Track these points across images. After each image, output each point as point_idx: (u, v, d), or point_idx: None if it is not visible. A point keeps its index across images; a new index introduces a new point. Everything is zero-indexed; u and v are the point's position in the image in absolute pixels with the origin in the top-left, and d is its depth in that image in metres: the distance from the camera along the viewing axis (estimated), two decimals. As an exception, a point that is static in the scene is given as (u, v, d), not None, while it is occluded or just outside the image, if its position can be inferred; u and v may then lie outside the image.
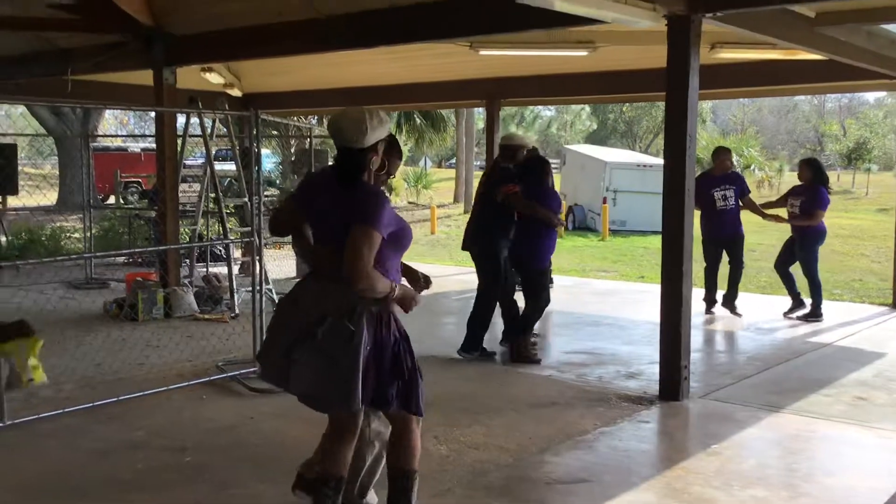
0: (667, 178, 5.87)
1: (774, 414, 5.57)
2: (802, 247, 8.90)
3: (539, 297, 7.01)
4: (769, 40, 6.88)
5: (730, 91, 11.33)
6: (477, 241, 7.09)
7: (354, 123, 3.21)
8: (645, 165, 22.31)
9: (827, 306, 9.22)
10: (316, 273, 3.38)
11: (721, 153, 9.30)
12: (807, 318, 8.86)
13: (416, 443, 3.43)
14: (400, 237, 3.28)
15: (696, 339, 6.23)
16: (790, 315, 9.05)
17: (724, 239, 8.97)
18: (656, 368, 6.02)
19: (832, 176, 36.83)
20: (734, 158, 10.69)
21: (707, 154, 31.93)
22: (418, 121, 22.31)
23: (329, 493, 3.39)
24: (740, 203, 8.97)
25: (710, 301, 9.19)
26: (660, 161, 15.51)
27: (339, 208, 3.22)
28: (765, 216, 9.14)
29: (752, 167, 32.29)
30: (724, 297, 9.09)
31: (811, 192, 8.85)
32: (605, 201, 20.88)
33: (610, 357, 7.21)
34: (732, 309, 9.04)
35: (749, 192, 9.17)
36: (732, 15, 5.74)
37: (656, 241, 7.87)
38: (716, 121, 55.18)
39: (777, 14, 6.29)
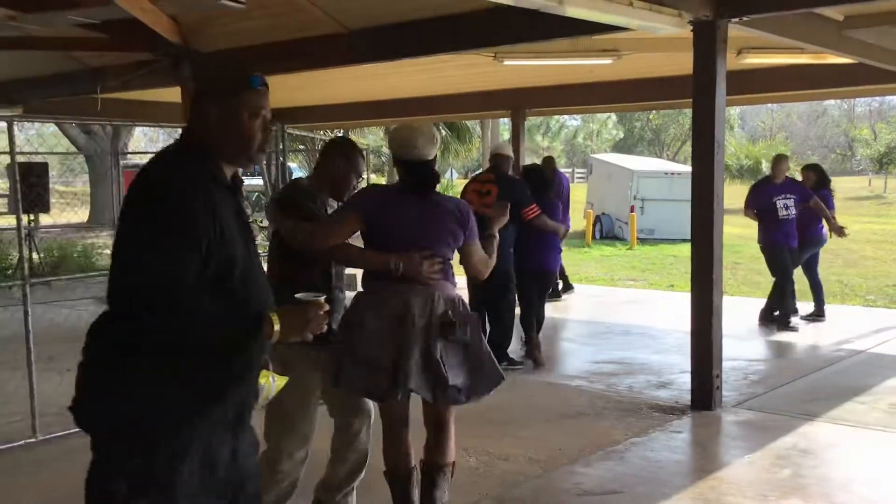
0: (695, 185, 5.83)
1: (809, 423, 5.49)
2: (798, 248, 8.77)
3: (545, 297, 7.41)
4: (797, 44, 6.81)
5: (758, 96, 11.21)
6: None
7: (428, 137, 3.46)
8: (672, 173, 22.12)
9: (860, 312, 9.08)
10: (398, 281, 3.38)
11: (782, 160, 9.02)
12: (783, 324, 8.65)
13: (452, 436, 3.63)
14: None
15: (728, 347, 6.14)
16: (806, 317, 8.98)
17: (791, 249, 8.62)
18: (688, 378, 5.97)
19: (863, 181, 36.37)
20: (763, 164, 10.51)
21: (735, 161, 31.90)
22: (444, 132, 22.30)
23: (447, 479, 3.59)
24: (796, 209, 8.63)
25: (771, 310, 8.90)
26: (688, 168, 15.38)
27: (425, 217, 3.43)
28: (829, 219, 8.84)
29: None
30: (763, 310, 8.88)
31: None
32: (632, 210, 20.74)
33: (640, 366, 7.15)
34: (771, 320, 8.81)
35: (811, 195, 8.72)
36: (758, 19, 5.69)
37: (685, 250, 7.80)
38: (744, 127, 54.66)
39: (804, 18, 6.22)
